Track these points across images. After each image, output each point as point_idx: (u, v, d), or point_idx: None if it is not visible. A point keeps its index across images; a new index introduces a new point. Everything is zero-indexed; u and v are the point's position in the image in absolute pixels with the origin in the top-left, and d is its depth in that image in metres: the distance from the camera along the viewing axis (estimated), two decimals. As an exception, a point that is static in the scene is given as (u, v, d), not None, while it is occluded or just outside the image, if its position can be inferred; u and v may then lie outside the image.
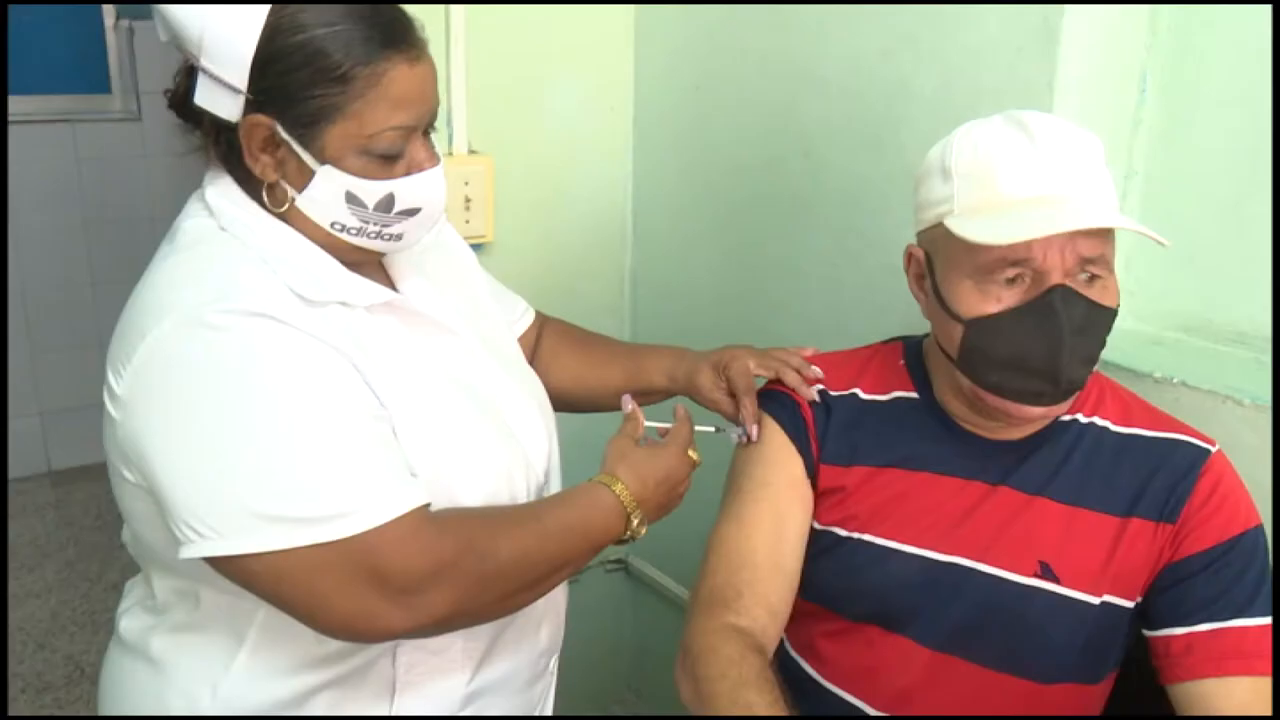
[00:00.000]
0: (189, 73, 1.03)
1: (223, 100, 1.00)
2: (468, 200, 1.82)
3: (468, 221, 1.83)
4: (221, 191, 1.07)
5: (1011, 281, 1.07)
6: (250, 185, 1.06)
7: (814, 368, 1.29)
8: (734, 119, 1.85)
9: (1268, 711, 1.06)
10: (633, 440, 1.20)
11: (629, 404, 1.26)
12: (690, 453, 1.22)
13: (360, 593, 0.96)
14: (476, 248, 1.87)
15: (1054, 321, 1.05)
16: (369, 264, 1.13)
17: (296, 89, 0.99)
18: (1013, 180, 1.07)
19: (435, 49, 1.75)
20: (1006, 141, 1.09)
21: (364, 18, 1.00)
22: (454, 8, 1.76)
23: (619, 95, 2.03)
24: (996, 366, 1.10)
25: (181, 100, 1.05)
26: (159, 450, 0.96)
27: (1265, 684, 1.07)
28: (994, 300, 1.08)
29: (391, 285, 1.16)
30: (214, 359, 0.95)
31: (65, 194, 3.58)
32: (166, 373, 0.96)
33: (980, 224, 1.06)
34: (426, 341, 1.13)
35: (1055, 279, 1.05)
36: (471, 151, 1.85)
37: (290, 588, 0.96)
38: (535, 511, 1.10)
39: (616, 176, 2.08)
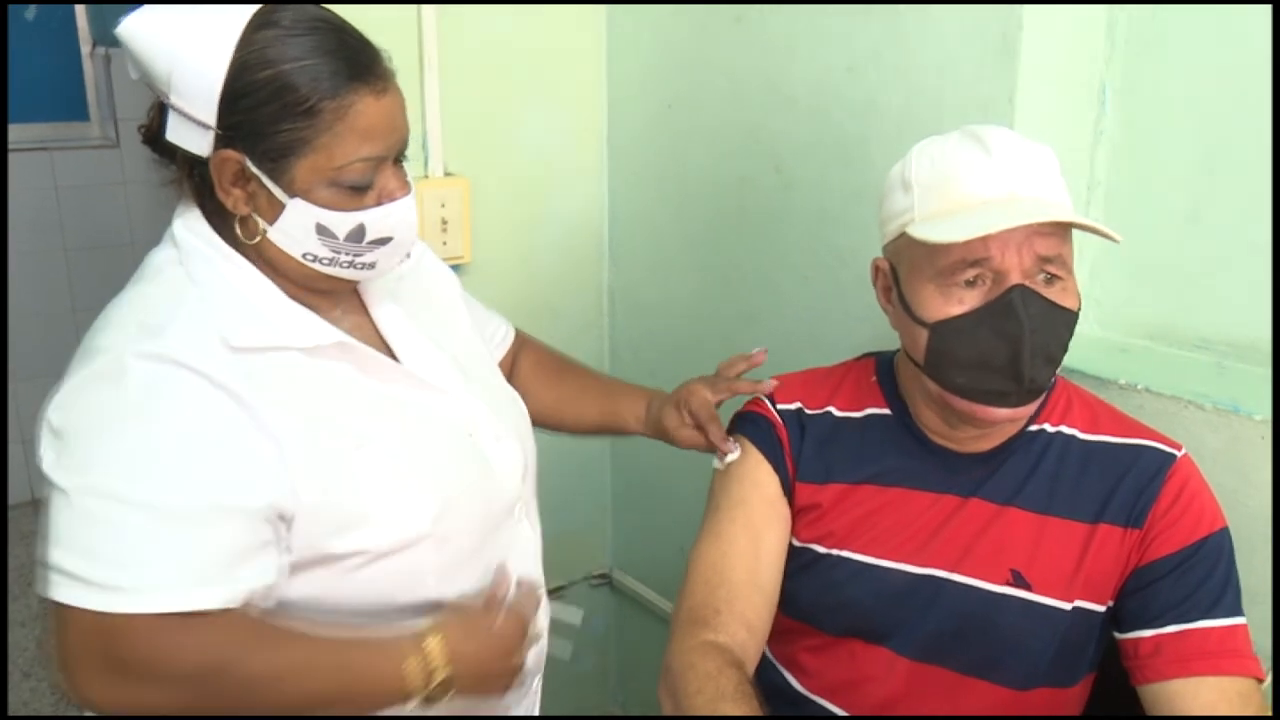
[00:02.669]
0: (161, 109, 1.04)
1: (193, 136, 1.01)
2: (444, 222, 1.83)
3: (445, 243, 1.84)
4: (187, 224, 1.08)
5: (972, 283, 1.10)
6: (224, 217, 1.07)
7: (767, 381, 1.33)
8: (706, 137, 1.87)
9: (1242, 708, 1.08)
10: (483, 602, 1.14)
11: (503, 582, 1.16)
12: (529, 624, 1.16)
13: (89, 664, 0.96)
14: (455, 269, 1.89)
15: (1014, 320, 1.07)
16: (342, 291, 1.14)
17: (264, 123, 1.00)
18: (970, 186, 1.10)
19: (409, 74, 1.80)
20: (962, 152, 1.12)
21: (330, 51, 1.01)
22: (426, 31, 1.78)
23: (592, 115, 2.05)
24: (961, 368, 1.12)
25: (155, 135, 1.06)
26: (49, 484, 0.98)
27: (1231, 683, 1.09)
28: (956, 302, 1.10)
29: (365, 311, 1.17)
30: (104, 410, 0.97)
31: (45, 222, 3.57)
32: (70, 415, 0.98)
33: (939, 226, 1.09)
34: (377, 379, 1.12)
35: (1014, 279, 1.08)
36: (448, 174, 1.86)
37: (56, 635, 0.97)
38: (322, 639, 1.04)
39: (592, 195, 2.09)
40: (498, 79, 1.91)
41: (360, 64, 1.02)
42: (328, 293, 1.11)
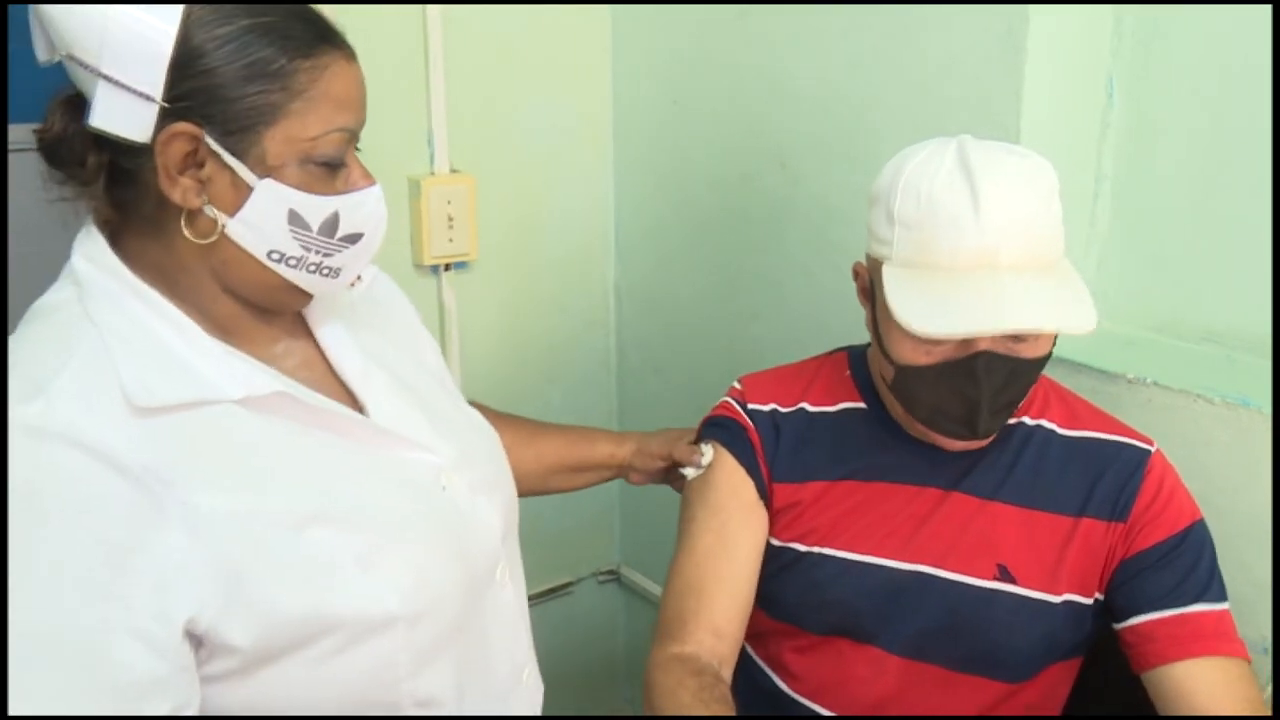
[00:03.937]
0: (66, 106, 0.90)
1: (130, 114, 0.84)
2: (450, 219, 1.83)
3: (451, 240, 1.84)
4: (87, 255, 0.92)
5: (942, 340, 1.09)
6: (154, 230, 0.91)
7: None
8: (711, 133, 1.87)
9: (1243, 689, 1.09)
10: None
11: None
12: None
13: None
14: (460, 266, 1.90)
15: (974, 384, 1.09)
16: (290, 312, 1.00)
17: (227, 87, 0.85)
18: (949, 250, 1.06)
19: (414, 71, 1.80)
20: (950, 201, 1.06)
21: (293, 12, 0.88)
22: (431, 29, 1.78)
23: (598, 112, 2.05)
24: (922, 405, 1.14)
25: (55, 141, 0.91)
26: None
27: (1233, 664, 1.11)
28: (924, 353, 1.11)
29: (313, 341, 1.04)
30: None
31: (47, 224, 3.56)
32: None
33: (915, 304, 1.06)
34: (330, 431, 0.96)
35: (982, 345, 1.08)
36: (453, 171, 1.86)
37: None
38: None
39: (598, 192, 2.09)
40: (503, 76, 1.91)
41: (327, 28, 0.90)
42: (273, 317, 0.98)
